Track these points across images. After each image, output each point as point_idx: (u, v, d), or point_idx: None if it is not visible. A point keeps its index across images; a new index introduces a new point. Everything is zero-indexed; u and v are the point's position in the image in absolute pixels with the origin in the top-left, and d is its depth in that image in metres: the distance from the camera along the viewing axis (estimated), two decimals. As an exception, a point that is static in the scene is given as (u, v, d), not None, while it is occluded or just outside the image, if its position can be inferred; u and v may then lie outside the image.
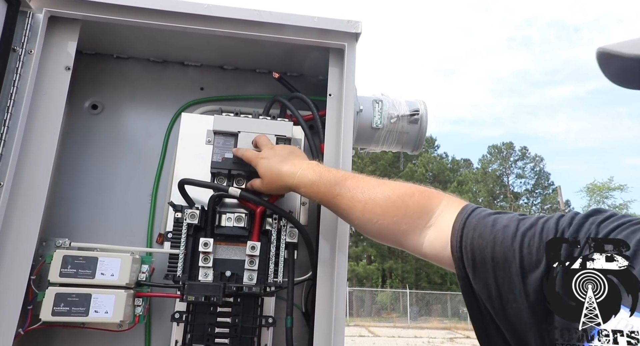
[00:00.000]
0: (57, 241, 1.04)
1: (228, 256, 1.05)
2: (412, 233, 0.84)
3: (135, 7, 1.04)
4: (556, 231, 0.68)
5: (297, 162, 0.98)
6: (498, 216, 0.76)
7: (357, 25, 1.10)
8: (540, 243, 0.68)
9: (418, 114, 1.18)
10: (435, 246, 0.81)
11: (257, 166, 1.01)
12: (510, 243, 0.70)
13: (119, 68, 1.28)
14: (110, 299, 0.97)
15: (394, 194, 0.87)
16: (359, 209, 0.88)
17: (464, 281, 0.75)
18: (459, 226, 0.77)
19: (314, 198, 0.96)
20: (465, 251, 0.74)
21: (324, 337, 0.99)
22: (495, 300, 0.70)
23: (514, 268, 0.68)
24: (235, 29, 1.08)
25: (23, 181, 0.95)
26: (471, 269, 0.74)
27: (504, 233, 0.72)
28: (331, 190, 0.91)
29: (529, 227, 0.71)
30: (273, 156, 1.00)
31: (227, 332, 1.03)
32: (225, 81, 1.32)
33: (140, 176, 1.22)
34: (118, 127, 1.25)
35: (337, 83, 1.13)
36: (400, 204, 0.85)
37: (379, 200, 0.87)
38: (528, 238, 0.69)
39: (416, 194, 0.86)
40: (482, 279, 0.72)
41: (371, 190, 0.88)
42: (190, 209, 1.03)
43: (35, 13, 1.00)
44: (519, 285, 0.67)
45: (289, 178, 0.96)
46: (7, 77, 0.95)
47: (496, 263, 0.70)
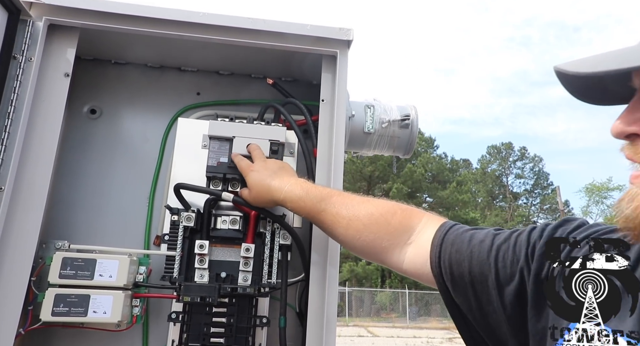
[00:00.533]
0: (57, 244, 1.06)
1: (223, 258, 1.08)
2: (393, 250, 0.88)
3: (133, 15, 1.07)
4: (528, 244, 0.71)
5: (286, 178, 1.00)
6: (475, 231, 0.80)
7: (348, 33, 1.13)
8: (514, 257, 0.71)
9: (409, 119, 1.21)
10: (415, 263, 0.85)
11: (246, 177, 1.04)
12: (486, 257, 0.73)
13: (116, 73, 1.31)
14: (109, 300, 1.00)
15: (377, 211, 0.89)
16: (342, 226, 0.91)
17: (445, 295, 0.78)
18: (438, 242, 0.80)
19: (300, 213, 0.98)
20: (444, 266, 0.78)
21: (317, 336, 1.01)
22: (475, 311, 0.73)
23: (490, 282, 0.71)
24: (230, 37, 1.11)
25: (23, 184, 0.98)
26: (450, 284, 0.77)
27: (480, 248, 0.75)
28: (317, 206, 0.94)
29: (503, 241, 0.74)
30: (264, 169, 1.03)
31: (223, 332, 1.05)
32: (221, 86, 1.35)
33: (138, 179, 1.25)
34: (116, 132, 1.27)
35: (330, 89, 1.16)
36: (383, 222, 0.88)
37: (362, 217, 0.89)
38: (502, 252, 0.72)
39: (398, 212, 0.89)
40: (461, 293, 0.75)
41: (355, 207, 0.91)
42: (186, 212, 1.06)
43: (35, 21, 1.03)
44: (496, 298, 0.70)
45: (277, 192, 0.98)
46: (8, 84, 0.98)
47: (474, 277, 0.74)
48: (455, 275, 0.76)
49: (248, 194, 1.04)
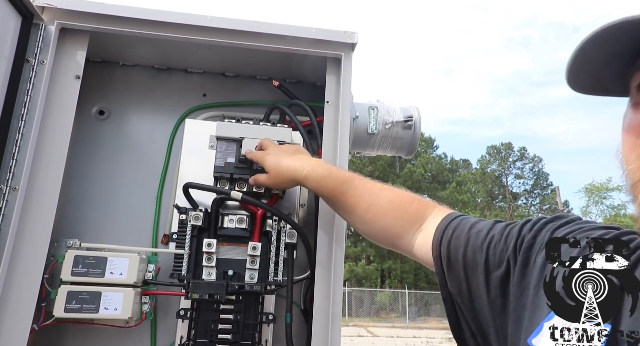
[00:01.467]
0: (68, 242, 1.09)
1: (230, 256, 1.10)
2: (405, 235, 0.93)
3: (142, 19, 1.09)
4: (518, 235, 0.75)
5: (305, 157, 1.05)
6: (477, 222, 0.84)
7: (353, 36, 1.15)
8: (504, 246, 0.75)
9: (412, 120, 1.24)
10: (422, 247, 0.90)
11: (263, 162, 1.06)
12: (480, 244, 0.78)
13: (125, 75, 1.34)
14: (119, 297, 1.02)
15: (397, 199, 0.95)
16: (363, 208, 0.95)
17: (440, 277, 0.83)
18: (441, 228, 0.86)
19: (322, 192, 1.01)
20: (443, 249, 0.83)
21: (322, 333, 1.04)
22: (464, 294, 0.78)
23: (480, 267, 0.76)
24: (237, 40, 1.13)
25: (36, 184, 1.01)
26: (446, 267, 0.82)
27: (476, 236, 0.80)
28: (340, 187, 0.97)
29: (498, 231, 0.79)
30: (279, 152, 1.06)
31: (230, 328, 1.08)
32: (227, 88, 1.38)
33: (146, 179, 1.27)
34: (124, 133, 1.30)
35: (334, 91, 1.18)
36: (401, 209, 0.94)
37: (383, 203, 0.94)
38: (495, 241, 0.77)
39: (415, 202, 0.95)
40: (454, 276, 0.80)
41: (377, 193, 0.96)
42: (194, 212, 1.09)
43: (48, 25, 1.05)
44: (483, 282, 0.75)
45: (297, 171, 1.01)
46: (21, 86, 1.00)
47: (467, 262, 0.78)
48: (451, 259, 0.81)
49: (266, 177, 1.06)
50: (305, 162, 1.02)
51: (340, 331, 1.05)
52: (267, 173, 1.06)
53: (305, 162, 1.02)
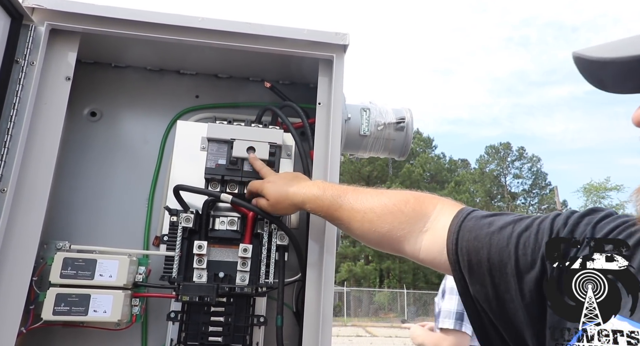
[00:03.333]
0: (58, 244, 1.08)
1: (221, 258, 1.10)
2: (409, 238, 0.86)
3: (133, 20, 1.08)
4: (551, 232, 0.69)
5: (302, 182, 1.04)
6: (494, 218, 0.77)
7: (345, 38, 1.15)
8: (535, 244, 0.69)
9: (404, 121, 1.24)
10: (431, 251, 0.83)
11: (263, 190, 1.06)
12: (505, 244, 0.71)
13: (117, 76, 1.33)
14: (109, 299, 1.02)
15: (390, 202, 0.90)
16: (358, 219, 0.92)
17: (461, 283, 0.76)
18: (455, 229, 0.78)
19: (320, 212, 0.99)
20: (462, 253, 0.76)
21: (313, 335, 1.04)
22: (492, 300, 0.71)
23: (509, 269, 0.69)
24: (229, 41, 1.13)
25: (25, 186, 1.00)
26: (467, 272, 0.75)
27: (499, 235, 0.73)
28: (335, 203, 0.95)
29: (525, 228, 0.72)
30: (278, 179, 1.06)
31: (221, 331, 1.07)
32: (219, 89, 1.37)
33: (138, 180, 1.27)
34: (116, 134, 1.29)
35: (326, 92, 1.18)
36: (396, 211, 0.88)
37: (376, 209, 0.90)
38: (523, 240, 0.70)
39: (411, 200, 0.89)
40: (478, 281, 0.73)
41: (369, 200, 0.92)
42: (185, 213, 1.08)
43: (37, 26, 1.05)
44: (515, 286, 0.68)
45: (296, 196, 1.01)
46: (10, 87, 0.99)
47: (492, 265, 0.71)
48: (473, 263, 0.74)
49: (266, 203, 1.06)
50: (301, 186, 1.02)
51: (331, 333, 1.04)
52: (267, 199, 1.05)
53: (301, 186, 1.02)
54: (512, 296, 0.69)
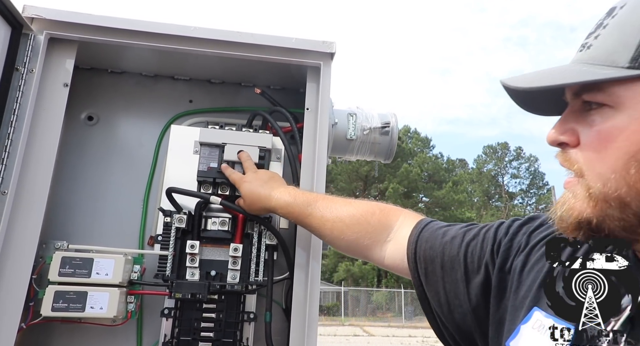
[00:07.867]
0: (56, 244, 1.13)
1: (213, 257, 1.15)
2: (375, 247, 0.95)
3: (129, 30, 1.13)
4: (494, 240, 0.77)
5: (276, 186, 1.08)
6: (448, 228, 0.85)
7: (331, 46, 1.20)
8: (481, 252, 0.77)
9: (389, 126, 1.29)
10: (394, 259, 0.91)
11: (240, 188, 1.11)
12: (456, 253, 0.79)
13: (113, 82, 1.38)
14: (105, 296, 1.07)
15: (358, 212, 0.97)
16: (327, 227, 0.98)
17: (419, 289, 0.84)
18: (414, 240, 0.87)
19: (290, 218, 1.06)
20: (419, 261, 0.84)
21: (299, 331, 1.09)
22: (443, 305, 0.79)
23: (459, 276, 0.77)
24: (220, 49, 1.18)
25: (25, 188, 1.05)
26: (424, 278, 0.83)
27: (451, 245, 0.81)
28: (304, 211, 1.01)
29: (472, 238, 0.80)
30: (255, 179, 1.10)
31: (212, 327, 1.12)
32: (212, 94, 1.42)
33: (133, 183, 1.31)
34: (112, 138, 1.34)
35: (314, 98, 1.23)
36: (363, 222, 0.96)
37: (344, 218, 0.97)
38: (471, 248, 0.78)
39: (377, 212, 0.96)
40: (433, 287, 0.81)
41: (338, 209, 0.98)
42: (178, 214, 1.13)
43: (37, 35, 1.09)
44: (464, 290, 0.76)
45: (267, 200, 1.06)
46: (11, 94, 1.04)
47: (445, 271, 0.80)
48: (429, 270, 0.82)
49: (243, 203, 1.12)
50: (274, 191, 1.06)
51: (317, 330, 1.09)
52: (243, 199, 1.11)
53: (274, 191, 1.06)
54: (460, 301, 0.76)
